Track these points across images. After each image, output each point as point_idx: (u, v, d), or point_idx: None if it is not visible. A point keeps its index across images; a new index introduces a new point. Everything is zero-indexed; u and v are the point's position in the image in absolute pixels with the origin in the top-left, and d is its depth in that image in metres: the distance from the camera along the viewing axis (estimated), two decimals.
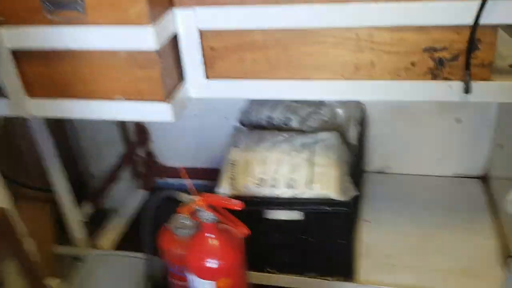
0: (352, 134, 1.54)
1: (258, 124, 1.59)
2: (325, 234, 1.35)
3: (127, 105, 1.10)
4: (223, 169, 1.39)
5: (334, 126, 1.54)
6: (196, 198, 1.14)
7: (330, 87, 1.07)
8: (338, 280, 1.42)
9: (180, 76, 1.13)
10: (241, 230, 1.19)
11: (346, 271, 1.41)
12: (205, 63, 1.10)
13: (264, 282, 1.49)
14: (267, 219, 1.37)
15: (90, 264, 1.46)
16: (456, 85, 1.01)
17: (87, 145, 1.81)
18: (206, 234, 1.14)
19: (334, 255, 1.38)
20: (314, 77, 1.07)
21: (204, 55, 1.09)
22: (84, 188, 1.81)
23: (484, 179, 1.77)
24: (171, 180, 2.11)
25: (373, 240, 1.56)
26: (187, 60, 1.10)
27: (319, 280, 1.43)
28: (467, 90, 1.00)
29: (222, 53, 1.08)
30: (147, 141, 2.04)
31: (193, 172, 1.97)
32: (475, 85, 0.99)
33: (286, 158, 1.35)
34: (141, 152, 2.07)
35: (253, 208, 1.35)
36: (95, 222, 1.85)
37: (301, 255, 1.41)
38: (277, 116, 1.55)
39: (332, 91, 1.08)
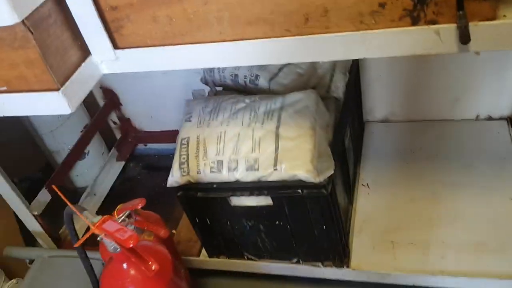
0: (339, 85, 1.24)
1: (223, 83, 1.31)
2: (301, 220, 1.11)
3: (12, 98, 0.85)
4: (175, 151, 1.14)
5: (313, 80, 1.23)
6: (94, 221, 0.90)
7: (273, 47, 0.78)
8: (328, 265, 1.19)
9: (84, 50, 0.86)
10: (163, 233, 0.97)
11: (336, 255, 1.17)
12: (109, 29, 0.85)
13: (244, 269, 1.29)
14: (234, 206, 1.13)
15: (38, 267, 1.30)
16: (447, 31, 0.69)
17: (41, 122, 1.59)
18: (117, 265, 0.92)
19: (318, 239, 1.14)
20: (250, 35, 0.78)
21: (104, 18, 0.83)
22: (51, 171, 1.62)
23: None
24: (152, 146, 1.89)
25: (371, 210, 1.30)
26: (83, 29, 0.84)
27: (306, 266, 1.22)
28: (464, 38, 0.69)
29: (127, 13, 0.82)
30: (117, 106, 1.80)
31: (174, 136, 1.75)
32: (475, 29, 0.67)
33: (246, 132, 1.08)
34: (111, 117, 1.84)
35: (213, 196, 1.12)
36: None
37: (282, 240, 1.19)
38: (243, 73, 1.25)
39: (275, 52, 0.79)
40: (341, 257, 1.17)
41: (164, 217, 1.58)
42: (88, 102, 1.76)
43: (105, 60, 0.88)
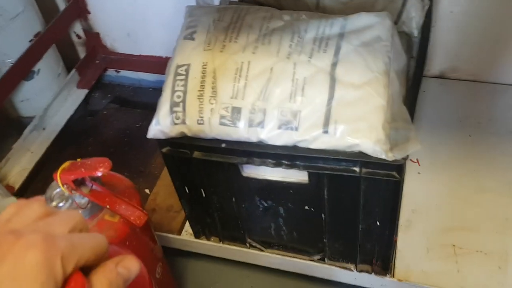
0: (414, 15, 0.84)
1: None
2: (346, 209, 0.74)
3: None
4: (165, 83, 0.73)
5: (380, 1, 0.83)
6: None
7: None
8: (364, 270, 0.85)
9: None
10: (137, 218, 0.59)
11: (380, 258, 0.83)
12: None
13: (244, 260, 0.94)
14: (247, 178, 0.75)
15: None
16: None
17: None
18: None
19: (362, 236, 0.78)
20: None
21: None
22: None
23: None
24: (127, 74, 1.45)
25: (423, 197, 0.95)
26: None
27: (332, 267, 0.87)
28: None
29: None
30: (84, 13, 1.34)
31: (157, 64, 1.33)
32: None
33: (284, 67, 0.68)
34: (75, 29, 1.39)
35: (218, 159, 0.73)
36: (2, 141, 1.26)
37: (307, 231, 0.83)
38: None
39: None
40: (386, 262, 0.83)
41: (137, 170, 1.20)
42: (44, 3, 1.29)
43: None
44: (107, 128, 1.34)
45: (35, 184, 1.17)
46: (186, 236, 0.95)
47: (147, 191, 1.12)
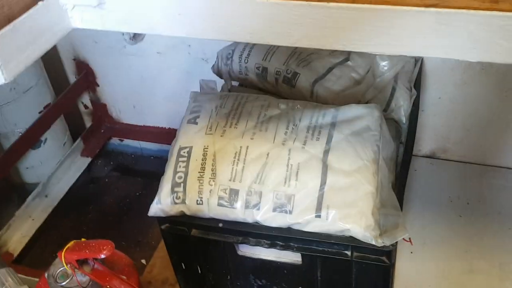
0: (402, 103, 0.90)
1: (243, 76, 0.96)
2: None
3: None
4: (168, 164, 0.77)
5: (370, 92, 0.90)
6: None
7: None
8: None
9: None
10: None
11: None
12: None
13: None
14: (242, 256, 0.78)
15: None
16: None
17: None
18: None
19: None
20: None
21: None
22: None
23: None
24: (130, 143, 1.51)
25: (415, 275, 0.97)
26: None
27: None
28: None
29: None
30: (93, 85, 1.42)
31: (159, 134, 1.38)
32: None
33: (280, 153, 0.73)
34: (83, 100, 1.46)
35: (215, 238, 0.76)
36: (5, 207, 1.29)
37: None
38: (275, 66, 0.91)
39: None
40: None
41: (135, 240, 1.22)
42: (56, 76, 1.37)
43: (80, 4, 0.52)
44: (107, 196, 1.37)
45: (34, 250, 1.19)
46: None
47: (143, 261, 1.14)
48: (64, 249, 0.60)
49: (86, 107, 1.47)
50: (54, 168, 1.32)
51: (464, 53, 0.44)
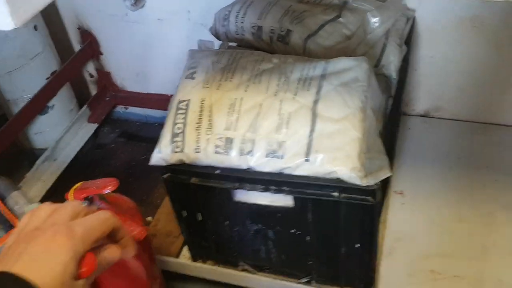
0: (392, 59, 0.94)
1: (240, 36, 1.00)
2: (328, 232, 0.82)
3: None
4: (168, 117, 0.82)
5: (361, 47, 0.93)
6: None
7: None
8: None
9: None
10: (138, 233, 0.67)
11: (362, 281, 0.89)
12: None
13: (237, 283, 1.00)
14: (238, 202, 0.83)
15: None
16: None
17: None
18: None
19: (345, 259, 0.85)
20: None
21: None
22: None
23: None
24: (135, 111, 1.56)
25: (406, 225, 1.02)
26: None
27: None
28: None
29: None
30: (97, 54, 1.46)
31: (163, 101, 1.43)
32: None
33: (272, 103, 0.77)
34: (88, 68, 1.50)
35: (213, 184, 0.81)
36: (15, 171, 1.35)
37: (295, 254, 0.90)
38: (269, 25, 0.94)
39: None
40: (369, 286, 0.89)
41: (140, 199, 1.28)
42: (61, 45, 1.42)
43: None
44: (114, 160, 1.43)
45: None
46: (184, 260, 1.02)
47: (149, 218, 1.19)
48: (72, 189, 0.66)
49: (91, 75, 1.52)
50: (62, 133, 1.37)
51: None
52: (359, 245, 0.81)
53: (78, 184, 0.67)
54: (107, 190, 0.64)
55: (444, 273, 0.93)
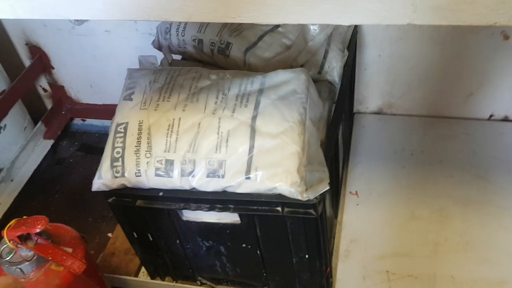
0: (335, 65, 0.94)
1: (182, 49, 0.98)
2: (277, 245, 0.82)
3: None
4: (107, 141, 0.81)
5: (302, 56, 0.93)
6: None
7: None
8: None
9: None
10: (77, 267, 0.66)
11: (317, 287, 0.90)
12: None
13: None
14: (186, 222, 0.83)
15: None
16: None
17: None
18: None
19: (297, 269, 0.86)
20: None
21: None
22: None
23: None
24: (92, 122, 1.54)
25: (361, 226, 1.03)
26: None
27: None
28: None
29: None
30: (48, 68, 1.43)
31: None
32: None
33: (210, 122, 0.77)
34: (41, 83, 1.47)
35: (159, 206, 0.80)
36: None
37: (248, 267, 0.90)
38: (209, 38, 0.93)
39: None
40: None
41: (101, 215, 1.27)
42: (11, 63, 1.38)
43: None
44: (73, 176, 1.41)
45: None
46: (143, 278, 1.01)
47: (109, 235, 1.19)
48: (6, 227, 0.65)
49: (45, 90, 1.49)
50: (17, 152, 1.34)
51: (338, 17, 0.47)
52: (308, 256, 0.81)
53: (12, 222, 0.66)
54: (37, 229, 0.63)
55: (398, 273, 0.95)
